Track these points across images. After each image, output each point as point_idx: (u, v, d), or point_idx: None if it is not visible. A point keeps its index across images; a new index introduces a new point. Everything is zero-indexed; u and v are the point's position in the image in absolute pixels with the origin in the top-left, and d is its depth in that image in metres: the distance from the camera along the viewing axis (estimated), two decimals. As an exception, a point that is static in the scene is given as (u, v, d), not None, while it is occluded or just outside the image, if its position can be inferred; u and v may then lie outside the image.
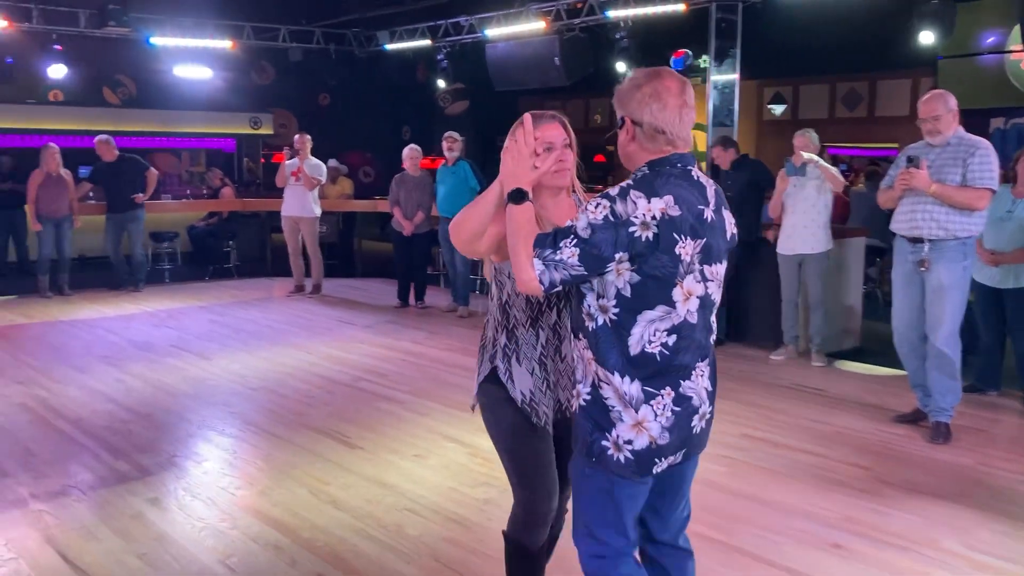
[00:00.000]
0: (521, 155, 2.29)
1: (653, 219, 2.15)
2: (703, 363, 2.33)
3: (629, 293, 2.21)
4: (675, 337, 2.25)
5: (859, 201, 9.87)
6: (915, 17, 8.82)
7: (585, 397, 2.32)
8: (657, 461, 2.28)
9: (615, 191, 2.20)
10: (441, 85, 13.66)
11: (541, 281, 2.19)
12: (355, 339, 7.77)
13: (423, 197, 8.94)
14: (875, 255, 9.14)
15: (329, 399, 5.88)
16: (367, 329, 8.21)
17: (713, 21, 9.58)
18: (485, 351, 2.69)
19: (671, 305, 2.23)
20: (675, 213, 2.18)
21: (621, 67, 10.70)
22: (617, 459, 2.27)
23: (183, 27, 12.15)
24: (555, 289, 2.21)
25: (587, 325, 2.28)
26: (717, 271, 2.32)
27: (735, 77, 9.71)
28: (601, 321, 2.25)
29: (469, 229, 2.48)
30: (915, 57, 10.25)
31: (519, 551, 2.72)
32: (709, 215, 2.27)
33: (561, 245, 2.17)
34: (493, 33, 11.74)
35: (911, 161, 4.86)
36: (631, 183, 2.23)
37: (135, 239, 10.24)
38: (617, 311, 2.23)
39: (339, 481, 4.39)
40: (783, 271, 6.88)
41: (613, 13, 10.52)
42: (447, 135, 8.70)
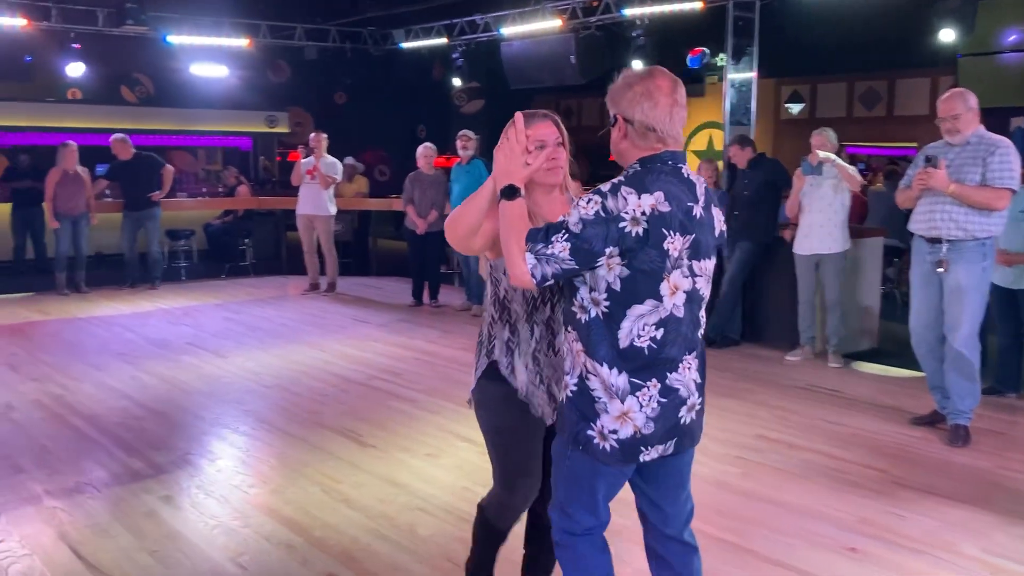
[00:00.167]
0: (513, 153, 2.35)
1: (643, 215, 2.21)
2: (690, 356, 2.38)
3: (619, 287, 2.26)
4: (663, 331, 2.30)
5: (877, 201, 9.79)
6: (935, 14, 8.75)
7: (572, 388, 2.38)
8: (643, 450, 2.34)
9: (606, 187, 2.26)
10: (456, 84, 13.68)
11: (533, 275, 2.24)
12: (369, 337, 7.77)
13: (437, 196, 8.93)
14: (893, 255, 9.07)
15: (343, 397, 5.89)
16: (381, 327, 8.21)
17: (730, 19, 9.54)
18: (482, 347, 2.77)
19: (658, 299, 2.28)
20: (665, 209, 2.23)
21: (637, 66, 10.66)
22: (603, 448, 2.34)
23: (200, 26, 12.24)
24: (547, 283, 2.27)
25: (579, 318, 2.34)
26: (706, 267, 2.38)
27: (752, 75, 9.65)
28: (593, 314, 2.31)
29: (464, 226, 2.53)
30: (935, 55, 10.18)
31: (487, 525, 2.90)
32: (699, 212, 2.32)
33: (553, 240, 2.22)
34: (509, 31, 11.73)
35: (929, 161, 4.81)
36: (622, 179, 2.29)
37: (151, 237, 10.30)
38: (608, 304, 2.28)
39: (351, 480, 4.39)
40: (800, 271, 6.82)
41: (629, 11, 10.48)
42: (461, 134, 8.69)
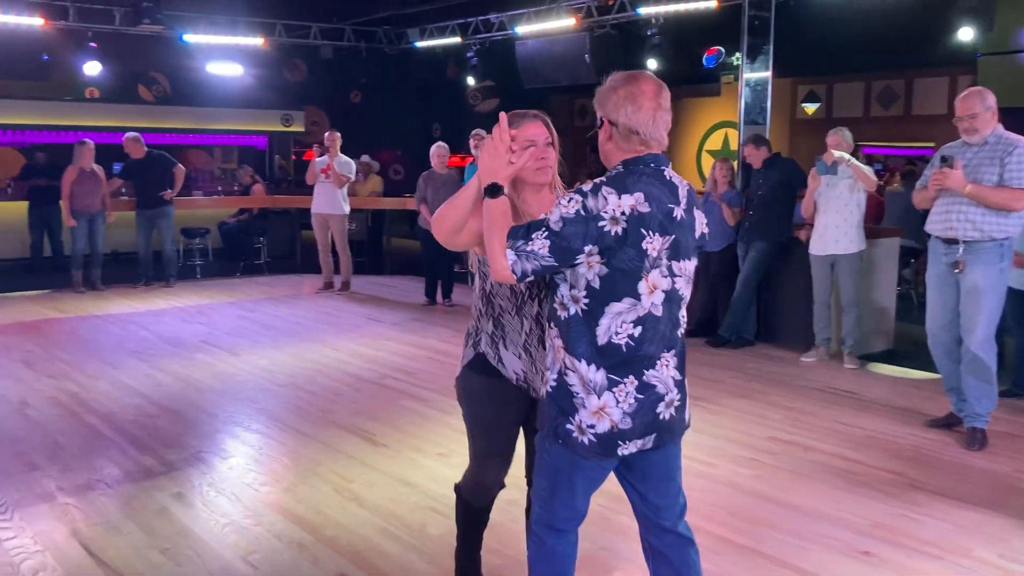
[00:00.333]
0: (497, 152, 2.39)
1: (623, 215, 2.27)
2: (668, 353, 2.43)
3: (598, 285, 2.32)
4: (640, 328, 2.35)
5: (894, 201, 9.71)
6: (954, 13, 8.66)
7: (552, 383, 2.44)
8: (621, 444, 2.39)
9: (588, 187, 2.32)
10: (471, 82, 13.66)
11: (513, 271, 2.31)
12: (383, 336, 7.78)
13: (450, 195, 8.87)
14: (910, 256, 9.00)
15: (355, 396, 5.89)
16: (395, 326, 8.22)
17: (745, 18, 9.48)
18: (470, 338, 2.85)
19: (636, 298, 2.33)
20: (644, 210, 2.29)
21: (652, 64, 10.63)
22: (582, 441, 2.40)
23: (216, 24, 12.30)
24: (527, 279, 2.33)
25: (560, 315, 2.41)
26: (686, 267, 2.43)
27: (768, 75, 9.59)
28: (573, 311, 2.37)
29: (450, 222, 2.59)
30: (953, 54, 10.08)
31: (465, 505, 3.06)
32: (679, 214, 2.38)
33: (533, 237, 2.29)
34: (523, 30, 11.72)
35: (945, 161, 4.76)
36: (604, 180, 2.34)
37: (165, 235, 10.35)
38: (587, 302, 2.34)
39: (363, 479, 4.39)
40: (815, 271, 6.78)
41: (644, 10, 10.44)
42: (474, 133, 8.68)
